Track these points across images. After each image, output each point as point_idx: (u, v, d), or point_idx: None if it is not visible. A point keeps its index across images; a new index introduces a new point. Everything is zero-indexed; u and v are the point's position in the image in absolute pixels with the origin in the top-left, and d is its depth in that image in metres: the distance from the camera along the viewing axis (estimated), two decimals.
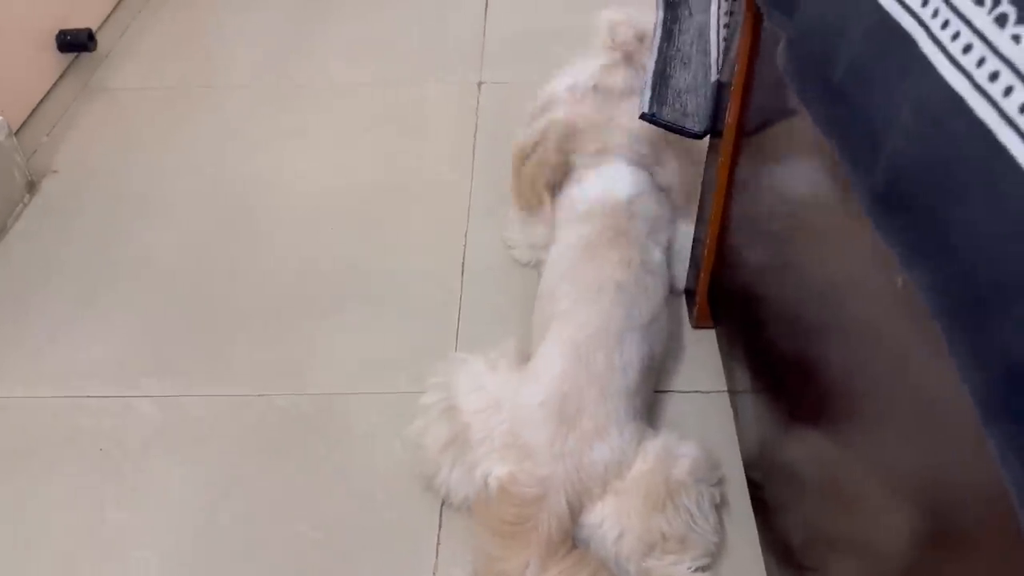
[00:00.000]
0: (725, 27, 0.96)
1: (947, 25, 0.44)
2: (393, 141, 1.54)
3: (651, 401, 1.05)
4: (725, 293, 1.09)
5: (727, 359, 1.09)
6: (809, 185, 0.76)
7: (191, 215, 1.41)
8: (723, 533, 0.94)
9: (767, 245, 0.91)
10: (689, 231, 1.17)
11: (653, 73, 1.05)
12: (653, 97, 1.04)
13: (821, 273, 0.74)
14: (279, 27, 1.88)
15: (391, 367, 1.14)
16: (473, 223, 1.35)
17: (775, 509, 0.89)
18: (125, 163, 1.53)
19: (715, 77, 1.01)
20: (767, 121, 0.88)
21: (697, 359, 1.14)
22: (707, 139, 1.07)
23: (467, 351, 1.04)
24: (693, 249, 1.14)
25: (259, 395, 1.12)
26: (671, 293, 1.18)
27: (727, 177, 1.00)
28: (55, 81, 1.63)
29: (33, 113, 1.56)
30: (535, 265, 1.23)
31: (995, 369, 0.39)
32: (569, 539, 0.88)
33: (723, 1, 0.94)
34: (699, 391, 1.10)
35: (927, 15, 0.46)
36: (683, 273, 1.19)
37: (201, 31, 1.90)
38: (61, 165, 1.52)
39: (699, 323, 1.16)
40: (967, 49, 0.42)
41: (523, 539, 0.86)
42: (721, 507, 0.95)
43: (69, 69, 1.68)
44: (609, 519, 0.89)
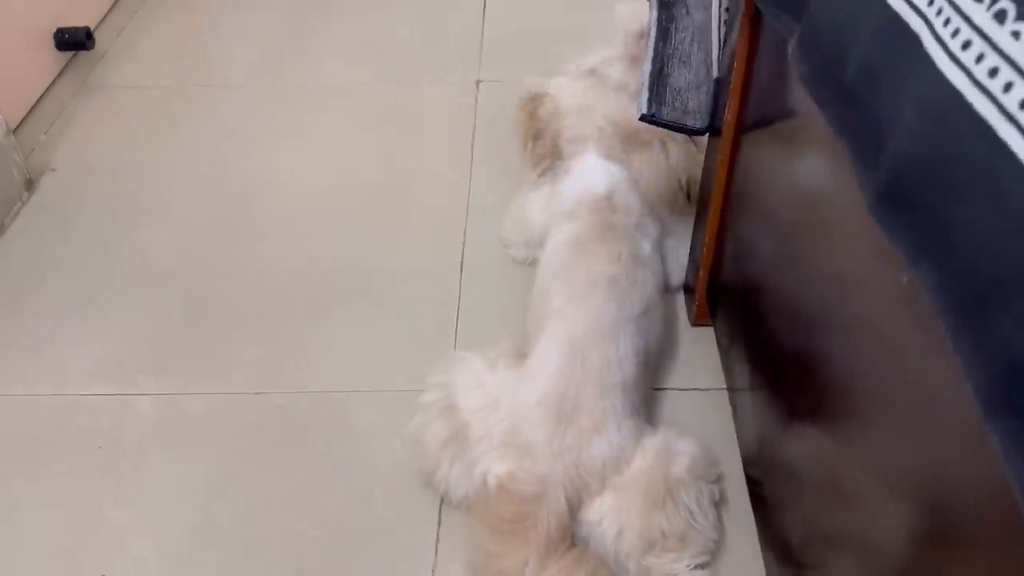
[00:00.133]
0: (725, 24, 0.96)
1: (948, 22, 0.44)
2: (391, 140, 1.54)
3: (649, 397, 1.05)
4: (724, 290, 1.09)
5: (726, 356, 1.09)
6: (809, 182, 0.76)
7: (189, 214, 1.41)
8: (722, 530, 0.94)
9: (767, 242, 0.91)
10: (673, 232, 1.18)
11: (649, 74, 1.05)
12: (651, 98, 1.04)
13: (821, 270, 0.74)
14: (276, 26, 1.88)
15: (389, 365, 1.14)
16: (471, 222, 1.35)
17: (774, 506, 0.89)
18: (123, 161, 1.53)
19: (716, 74, 1.01)
20: (766, 118, 0.88)
21: (696, 357, 1.14)
22: (685, 145, 1.08)
23: (466, 350, 1.05)
24: (692, 246, 1.14)
25: (257, 393, 1.12)
26: (667, 291, 1.19)
27: (726, 174, 1.00)
28: (53, 79, 1.63)
29: (31, 111, 1.56)
30: (532, 263, 1.23)
31: (996, 365, 0.39)
32: (568, 537, 0.88)
33: None
34: (698, 388, 1.10)
35: (932, 13, 0.46)
36: (676, 270, 1.20)
37: (199, 30, 1.90)
38: (59, 163, 1.52)
39: (698, 320, 1.16)
40: (966, 45, 0.42)
41: (522, 537, 0.86)
42: (720, 504, 0.95)
43: (67, 67, 1.68)
44: (608, 516, 0.89)
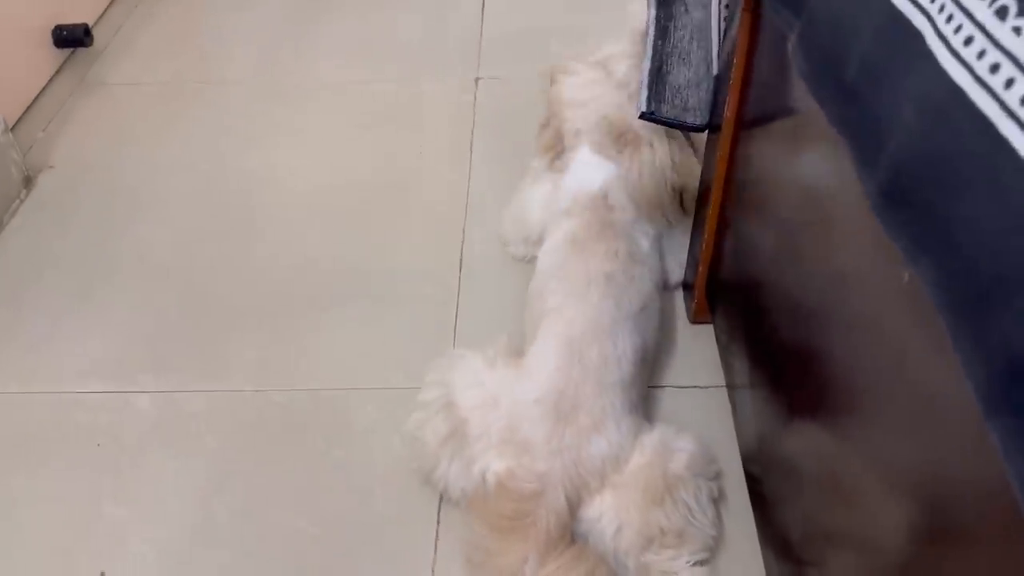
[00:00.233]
0: (724, 20, 0.96)
1: (951, 19, 0.44)
2: (390, 138, 1.54)
3: (647, 394, 1.05)
4: (723, 287, 1.09)
5: (725, 354, 1.09)
6: (809, 178, 0.76)
7: (188, 211, 1.41)
8: (721, 527, 0.94)
9: (766, 239, 0.91)
10: (672, 230, 1.18)
11: (648, 72, 1.05)
12: (651, 96, 1.04)
13: (821, 267, 0.74)
14: (276, 23, 1.87)
15: (388, 363, 1.14)
16: (470, 219, 1.35)
17: (774, 503, 0.89)
18: (121, 159, 1.52)
19: (716, 71, 1.01)
20: (766, 114, 0.88)
21: (695, 354, 1.14)
22: (678, 149, 1.09)
23: (465, 347, 1.04)
24: (691, 243, 1.14)
25: (256, 391, 1.12)
26: (666, 288, 1.19)
27: (725, 171, 1.00)
28: (51, 77, 1.63)
29: (29, 109, 1.56)
30: (531, 261, 1.22)
31: (996, 362, 0.39)
32: (568, 534, 0.88)
33: None
34: (697, 386, 1.10)
35: (934, 10, 0.46)
36: (675, 268, 1.20)
37: (197, 27, 1.90)
38: (57, 161, 1.52)
39: (697, 318, 1.16)
40: (968, 41, 0.42)
41: (521, 534, 0.86)
42: (719, 501, 0.95)
43: (65, 64, 1.68)
44: (607, 514, 0.89)
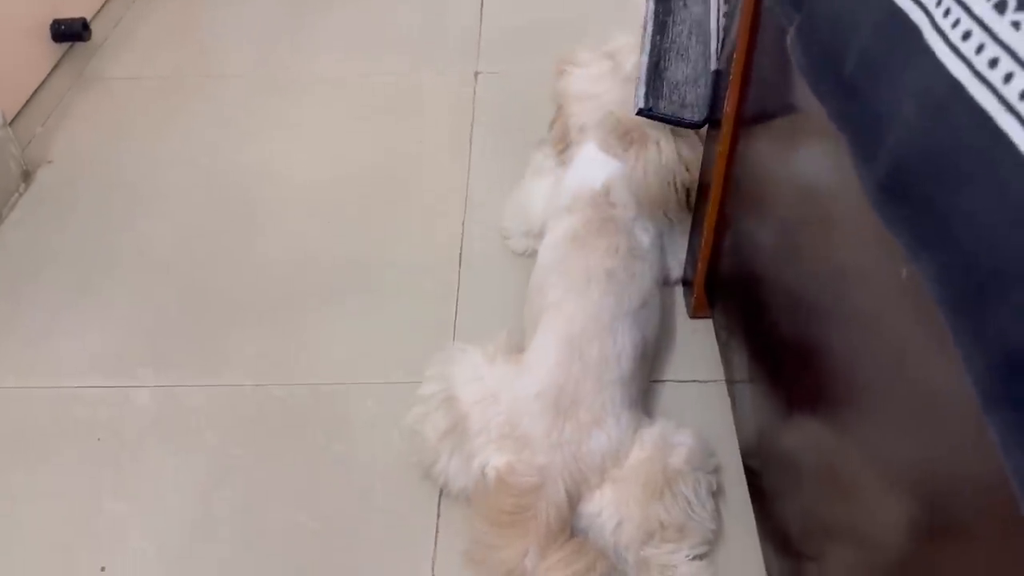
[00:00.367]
0: (724, 16, 0.95)
1: (948, 13, 0.44)
2: (389, 131, 1.54)
3: (646, 389, 1.05)
4: (722, 282, 1.09)
5: (724, 348, 1.09)
6: (809, 174, 0.76)
7: (187, 205, 1.41)
8: (720, 521, 0.94)
9: (766, 235, 0.91)
10: (673, 226, 1.17)
11: (647, 67, 1.05)
12: (648, 91, 1.04)
13: (821, 262, 0.74)
14: (275, 17, 1.87)
15: (388, 358, 1.14)
16: (470, 214, 1.35)
17: (773, 498, 0.89)
18: (120, 153, 1.52)
19: (715, 67, 1.00)
20: (766, 110, 0.88)
21: (694, 349, 1.14)
22: (685, 148, 1.08)
23: (464, 342, 1.04)
24: (691, 239, 1.14)
25: (256, 385, 1.12)
26: (666, 285, 1.18)
27: (725, 166, 1.00)
28: (49, 71, 1.62)
29: (28, 103, 1.55)
30: (531, 255, 1.22)
31: (994, 356, 0.39)
32: (568, 528, 0.88)
33: None
34: (696, 380, 1.10)
35: (932, 4, 0.46)
36: (675, 264, 1.20)
37: (196, 20, 1.89)
38: (56, 155, 1.52)
39: (696, 313, 1.16)
40: (967, 36, 0.42)
41: (521, 528, 0.86)
42: (719, 495, 0.95)
43: (63, 59, 1.67)
44: (607, 508, 0.89)
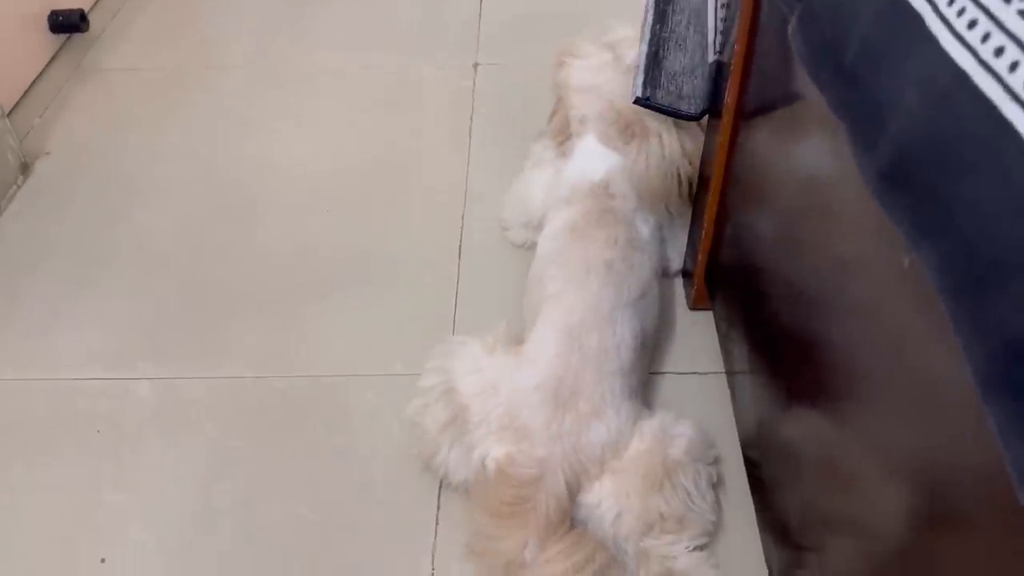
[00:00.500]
0: (724, 7, 0.95)
1: (953, 1, 0.44)
2: (389, 123, 1.53)
3: (646, 380, 1.05)
4: (723, 274, 1.09)
5: (724, 340, 1.09)
6: (810, 164, 0.76)
7: (186, 197, 1.40)
8: (720, 512, 0.94)
9: (767, 225, 0.91)
10: (673, 218, 1.17)
11: (646, 56, 1.04)
12: (646, 81, 1.04)
13: (821, 253, 0.74)
14: (274, 8, 1.86)
15: (388, 350, 1.14)
16: (470, 206, 1.35)
17: (773, 489, 0.90)
18: (119, 145, 1.52)
19: (713, 58, 1.00)
20: (767, 100, 0.88)
21: (694, 341, 1.14)
22: (688, 137, 1.08)
23: (464, 334, 1.04)
24: (691, 230, 1.14)
25: (256, 377, 1.12)
26: (666, 276, 1.18)
27: (726, 157, 1.00)
28: (47, 62, 1.62)
29: (26, 95, 1.55)
30: (530, 247, 1.22)
31: (994, 345, 0.39)
32: (567, 519, 0.88)
33: None
34: (696, 372, 1.10)
35: None
36: (676, 256, 1.19)
37: (195, 12, 1.88)
38: (54, 147, 1.51)
39: (696, 304, 1.16)
40: (972, 24, 0.42)
41: (521, 519, 0.86)
42: (718, 487, 0.96)
43: (61, 50, 1.67)
44: (607, 499, 0.89)
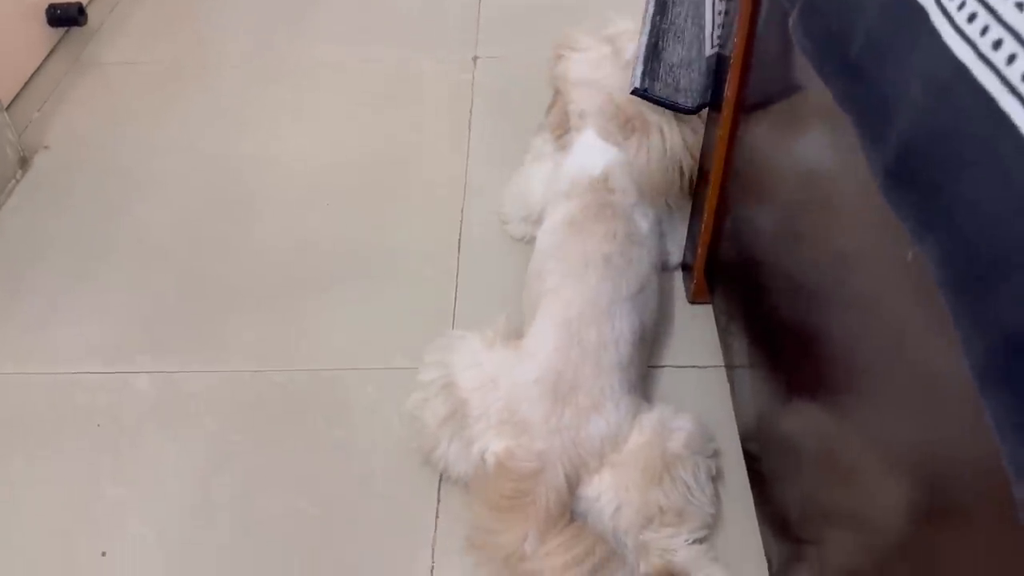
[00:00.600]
0: (724, 0, 0.95)
1: None
2: (388, 117, 1.53)
3: (645, 374, 1.05)
4: (722, 268, 1.08)
5: (724, 334, 1.09)
6: (811, 158, 0.76)
7: (185, 191, 1.40)
8: (720, 506, 0.94)
9: (766, 219, 0.91)
10: (673, 212, 1.17)
11: (645, 47, 1.04)
12: (645, 72, 1.04)
13: (822, 246, 0.73)
14: (273, 1, 1.86)
15: (388, 344, 1.14)
16: (469, 200, 1.35)
17: (772, 482, 0.90)
18: (117, 138, 1.52)
19: (710, 51, 1.00)
20: (767, 94, 0.88)
21: (693, 334, 1.14)
22: (689, 131, 1.08)
23: (464, 328, 1.04)
24: (691, 224, 1.14)
25: (255, 371, 1.12)
26: (666, 270, 1.18)
27: (726, 151, 1.00)
28: (46, 56, 1.62)
29: (24, 88, 1.54)
30: (530, 241, 1.22)
31: (993, 339, 0.39)
32: (567, 512, 0.88)
33: None
34: (695, 366, 1.10)
35: None
36: (675, 250, 1.19)
37: (192, 5, 1.88)
38: (53, 141, 1.51)
39: (695, 298, 1.16)
40: (972, 18, 0.42)
41: (521, 512, 0.87)
42: (718, 480, 0.96)
43: (60, 44, 1.66)
44: (607, 492, 0.89)
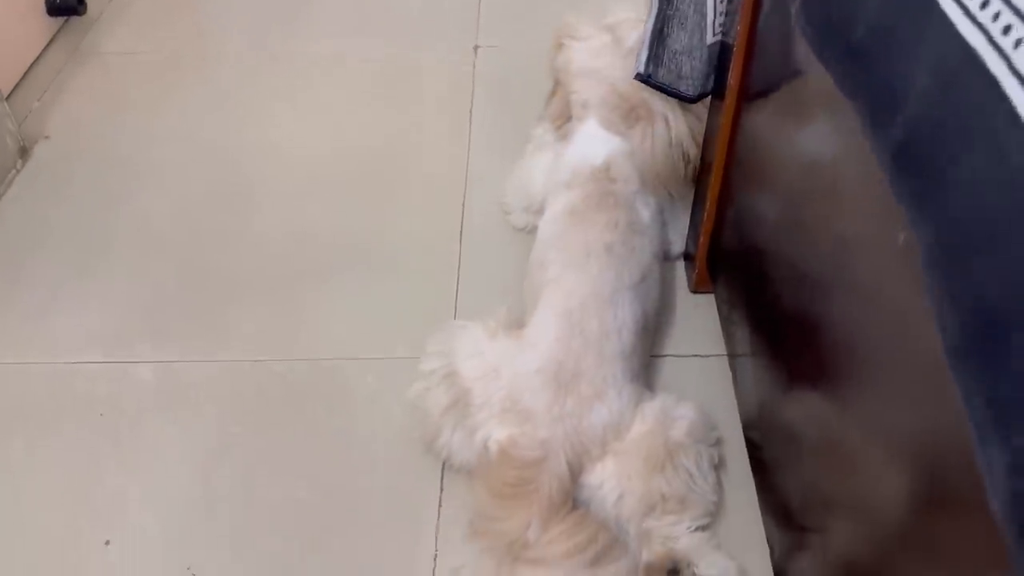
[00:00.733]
0: None
1: None
2: (389, 107, 1.53)
3: (647, 363, 1.05)
4: (724, 257, 1.08)
5: (726, 323, 1.09)
6: (813, 146, 0.75)
7: (186, 181, 1.40)
8: (722, 493, 0.95)
9: (769, 208, 0.91)
10: (675, 201, 1.17)
11: (651, 33, 1.04)
12: (649, 58, 1.03)
13: (823, 235, 0.73)
14: None
15: (389, 333, 1.14)
16: (470, 189, 1.35)
17: (774, 470, 0.90)
18: (117, 128, 1.51)
19: (711, 39, 1.00)
20: (770, 81, 0.88)
21: (696, 323, 1.14)
22: (694, 119, 1.08)
23: (465, 318, 1.04)
24: (693, 212, 1.14)
25: (256, 361, 1.12)
26: (667, 259, 1.18)
27: (729, 139, 1.00)
28: (45, 45, 1.61)
29: (23, 78, 1.54)
30: (531, 231, 1.22)
31: (968, 313, 0.40)
32: (569, 500, 0.89)
33: None
34: (698, 355, 1.10)
35: None
36: (677, 239, 1.19)
37: None
38: (53, 130, 1.51)
39: (698, 287, 1.16)
40: (984, 4, 0.42)
41: (524, 500, 0.87)
42: (720, 468, 0.96)
43: (59, 33, 1.66)
44: (609, 481, 0.89)
